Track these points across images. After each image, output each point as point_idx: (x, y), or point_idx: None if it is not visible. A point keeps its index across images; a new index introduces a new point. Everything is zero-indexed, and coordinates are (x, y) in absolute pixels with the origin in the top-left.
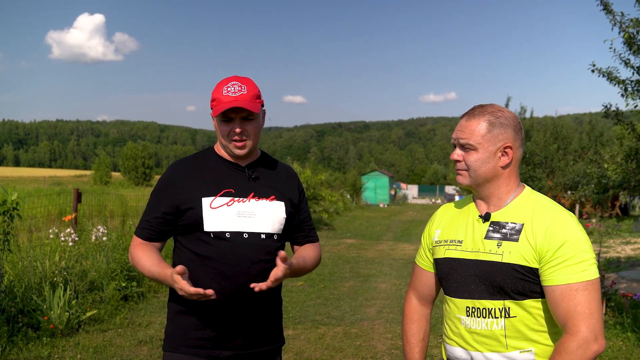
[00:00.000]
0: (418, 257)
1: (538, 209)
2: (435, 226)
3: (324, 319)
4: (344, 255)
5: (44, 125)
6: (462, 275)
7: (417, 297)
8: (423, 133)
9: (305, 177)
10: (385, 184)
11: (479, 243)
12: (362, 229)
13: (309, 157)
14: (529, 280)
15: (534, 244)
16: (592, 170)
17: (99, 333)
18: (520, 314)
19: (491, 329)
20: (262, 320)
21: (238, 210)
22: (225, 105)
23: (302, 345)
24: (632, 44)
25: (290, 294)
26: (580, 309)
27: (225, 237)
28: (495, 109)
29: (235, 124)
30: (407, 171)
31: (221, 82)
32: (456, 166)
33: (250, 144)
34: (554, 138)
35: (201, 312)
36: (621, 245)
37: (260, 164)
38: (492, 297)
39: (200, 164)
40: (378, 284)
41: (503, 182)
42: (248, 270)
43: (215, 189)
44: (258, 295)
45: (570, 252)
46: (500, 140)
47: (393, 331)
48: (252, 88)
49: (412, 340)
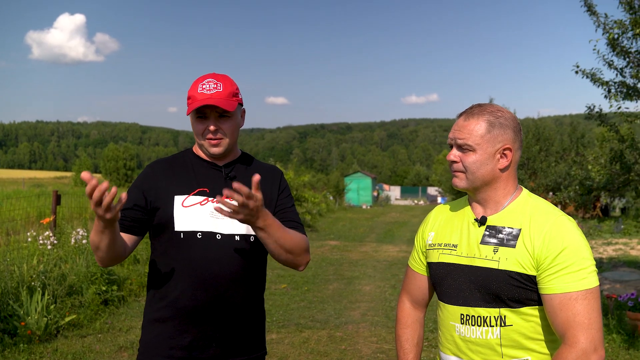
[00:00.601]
0: (411, 260)
1: (536, 213)
2: (429, 228)
3: (308, 322)
4: (328, 257)
5: (23, 127)
6: (457, 281)
7: (410, 301)
8: (405, 134)
9: (288, 179)
10: (368, 186)
11: (475, 248)
12: (346, 231)
13: (291, 158)
14: (526, 288)
15: (531, 251)
16: (576, 172)
17: (78, 339)
18: (517, 322)
19: (486, 337)
20: (240, 328)
21: (211, 210)
22: (198, 102)
23: (286, 349)
24: (615, 46)
25: (273, 297)
26: (580, 319)
27: (197, 237)
28: (495, 108)
29: (209, 121)
30: (389, 172)
31: (197, 79)
32: (452, 167)
33: (227, 142)
34: (536, 139)
35: (175, 320)
36: (603, 246)
37: (239, 164)
38: (488, 304)
39: (178, 163)
40: (362, 287)
41: (501, 185)
42: (221, 274)
43: (188, 187)
44: (235, 300)
45: (569, 259)
46: (499, 141)
47: (378, 334)
48: (228, 85)
49: (406, 345)
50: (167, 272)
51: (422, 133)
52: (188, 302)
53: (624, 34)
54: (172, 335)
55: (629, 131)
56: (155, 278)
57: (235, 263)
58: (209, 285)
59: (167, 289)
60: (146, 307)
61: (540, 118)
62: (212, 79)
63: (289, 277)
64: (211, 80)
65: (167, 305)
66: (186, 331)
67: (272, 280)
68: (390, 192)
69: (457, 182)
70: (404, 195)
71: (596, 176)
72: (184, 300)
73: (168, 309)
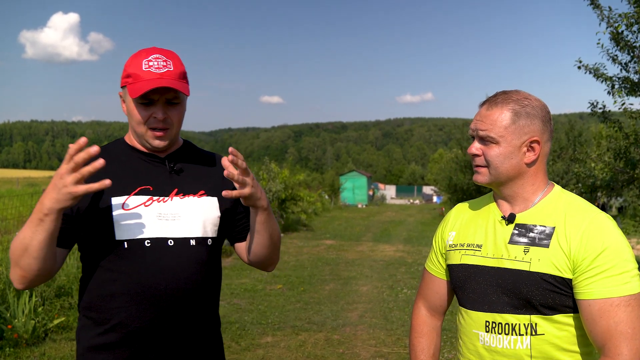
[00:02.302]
0: (428, 262)
1: (571, 210)
2: (449, 228)
3: (304, 324)
4: (324, 256)
5: (18, 126)
6: (482, 285)
7: (426, 308)
8: (400, 133)
9: (284, 178)
10: (364, 185)
11: (502, 248)
12: (341, 230)
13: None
14: (561, 293)
15: (567, 251)
16: (579, 170)
17: (66, 342)
18: (549, 331)
19: (514, 347)
20: (196, 349)
21: (159, 212)
22: (147, 83)
23: (282, 353)
24: (619, 40)
25: (269, 297)
26: (622, 327)
27: (144, 246)
28: (522, 96)
29: (156, 108)
30: (384, 171)
31: (138, 54)
32: (474, 161)
33: (173, 133)
34: None
35: (123, 347)
36: None
37: (184, 154)
38: (517, 311)
39: (109, 157)
40: (359, 287)
41: (529, 181)
42: (176, 286)
43: (128, 186)
44: (192, 315)
45: (610, 261)
46: (526, 133)
47: (377, 337)
48: (178, 64)
49: (421, 356)
50: (109, 290)
51: (417, 132)
52: (138, 324)
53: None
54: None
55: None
56: (91, 298)
57: (192, 272)
58: (162, 302)
59: (110, 310)
60: (81, 332)
61: None
62: (160, 55)
63: (284, 277)
64: (159, 57)
65: (111, 329)
66: (139, 358)
67: (267, 280)
68: (386, 191)
69: (479, 178)
70: (400, 195)
71: (600, 173)
72: (133, 322)
73: (112, 334)
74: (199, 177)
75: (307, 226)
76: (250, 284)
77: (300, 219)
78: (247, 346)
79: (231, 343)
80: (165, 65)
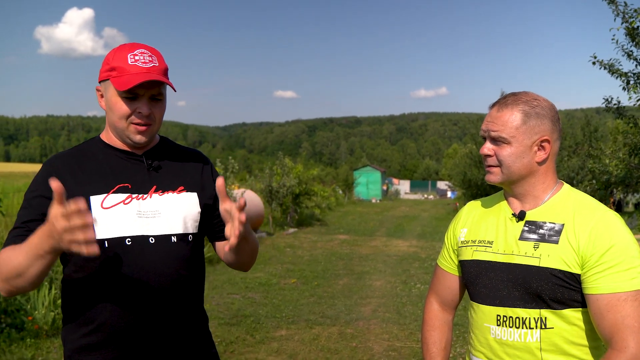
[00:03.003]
0: (440, 259)
1: (580, 208)
2: (461, 225)
3: (318, 318)
4: (337, 251)
5: (34, 121)
6: (493, 280)
7: (438, 302)
8: (414, 128)
9: (297, 173)
10: (378, 179)
11: (513, 244)
12: (355, 225)
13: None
14: (570, 288)
15: (576, 247)
16: (593, 165)
17: None
18: (558, 325)
19: (525, 340)
20: (184, 346)
21: (138, 210)
22: (135, 77)
23: (296, 346)
24: (634, 36)
25: (282, 292)
26: (629, 321)
27: (125, 244)
28: (531, 97)
29: (141, 103)
30: (398, 166)
31: (122, 48)
32: (486, 162)
33: (154, 130)
34: None
35: (108, 347)
36: None
37: (161, 151)
38: (527, 305)
39: (84, 156)
40: (373, 282)
41: (539, 179)
42: (159, 284)
43: (106, 184)
44: (176, 312)
45: (618, 257)
46: (536, 132)
47: (390, 332)
48: (162, 61)
49: (433, 349)
50: (91, 291)
51: (431, 127)
52: (123, 323)
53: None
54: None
55: None
56: (74, 299)
57: (175, 269)
58: (145, 300)
59: (94, 310)
60: (66, 333)
61: None
62: (145, 50)
63: (298, 271)
64: (144, 52)
65: (95, 329)
66: (126, 358)
67: (282, 274)
68: (400, 186)
69: (492, 178)
70: (414, 190)
71: (614, 170)
72: (117, 322)
73: (97, 335)
74: (178, 173)
75: (321, 221)
76: (264, 278)
77: (314, 213)
78: (262, 339)
79: (246, 336)
80: (151, 60)
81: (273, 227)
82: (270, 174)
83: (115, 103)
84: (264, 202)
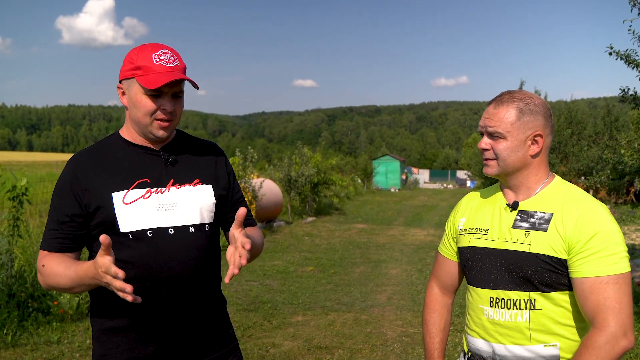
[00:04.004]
0: (441, 246)
1: (568, 199)
2: (460, 214)
3: (334, 305)
4: (355, 240)
5: (56, 110)
6: (487, 265)
7: (439, 287)
8: (434, 117)
9: (316, 162)
10: (397, 169)
11: (506, 232)
12: (373, 214)
13: (319, 141)
14: (557, 272)
15: (563, 235)
16: (608, 155)
17: None
18: (547, 307)
19: (515, 320)
20: (204, 327)
21: (157, 203)
22: (162, 76)
23: (312, 331)
24: None
25: (300, 279)
26: (610, 302)
27: (147, 236)
28: (525, 95)
29: (164, 100)
30: (418, 156)
31: (144, 48)
32: (484, 155)
33: (174, 125)
34: (567, 123)
35: (133, 329)
36: (636, 232)
37: (178, 145)
38: (518, 288)
39: (105, 153)
40: (389, 270)
41: (532, 171)
42: (179, 271)
43: (126, 180)
44: (196, 296)
45: (601, 244)
46: (530, 128)
47: (403, 318)
48: (181, 60)
49: (433, 329)
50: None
51: (451, 116)
52: (146, 307)
53: None
54: (133, 346)
55: None
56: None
57: (193, 256)
58: (166, 286)
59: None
60: (94, 315)
61: (573, 101)
62: (167, 50)
63: (315, 259)
64: (167, 52)
65: (121, 313)
66: (148, 340)
67: (299, 262)
68: (419, 176)
69: (489, 170)
70: (433, 179)
71: (629, 160)
72: (142, 306)
73: (122, 318)
74: (193, 166)
75: (340, 210)
76: (282, 266)
77: (332, 202)
78: (279, 324)
79: (263, 321)
80: (174, 59)
81: (292, 215)
82: (289, 163)
83: (140, 100)
84: (283, 192)
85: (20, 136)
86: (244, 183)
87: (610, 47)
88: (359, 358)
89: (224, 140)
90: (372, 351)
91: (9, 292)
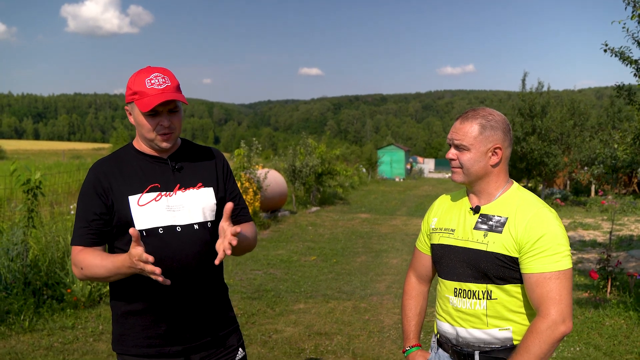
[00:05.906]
0: (418, 242)
1: (522, 204)
2: (433, 215)
3: (334, 293)
4: (358, 230)
5: (62, 99)
6: (453, 260)
7: (415, 277)
8: (440, 106)
9: (320, 152)
10: (401, 158)
11: (469, 232)
12: (377, 204)
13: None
14: (510, 268)
15: (515, 236)
16: (601, 150)
17: None
18: (501, 297)
19: (474, 308)
20: (208, 310)
21: (167, 205)
22: (154, 99)
23: (312, 318)
24: None
25: (303, 268)
26: (552, 294)
27: (158, 233)
28: (487, 112)
29: (162, 117)
30: (424, 144)
31: (139, 74)
32: (451, 164)
33: (175, 136)
34: (570, 114)
35: (148, 312)
36: (635, 223)
37: (182, 153)
38: (477, 280)
39: (122, 162)
40: (389, 260)
41: (493, 179)
42: (186, 263)
43: (140, 185)
44: (201, 285)
45: (546, 244)
46: (490, 141)
47: (400, 306)
48: (173, 79)
49: (409, 314)
50: None
51: (457, 105)
52: (159, 294)
53: None
54: (148, 325)
55: None
56: None
57: (198, 250)
58: (176, 276)
59: (136, 284)
60: (114, 301)
61: (579, 90)
62: (159, 73)
63: (318, 249)
64: (158, 75)
65: (138, 298)
66: (161, 321)
67: (302, 252)
68: (424, 165)
69: (455, 177)
70: (438, 168)
71: (622, 155)
72: (155, 293)
73: (139, 303)
74: (197, 171)
75: (344, 200)
76: (286, 255)
77: (336, 192)
78: (281, 312)
79: (266, 309)
80: (164, 81)
81: (296, 205)
82: (293, 153)
83: (142, 121)
84: (287, 182)
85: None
86: (249, 174)
87: (605, 44)
88: (357, 343)
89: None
90: (369, 337)
91: (25, 280)
